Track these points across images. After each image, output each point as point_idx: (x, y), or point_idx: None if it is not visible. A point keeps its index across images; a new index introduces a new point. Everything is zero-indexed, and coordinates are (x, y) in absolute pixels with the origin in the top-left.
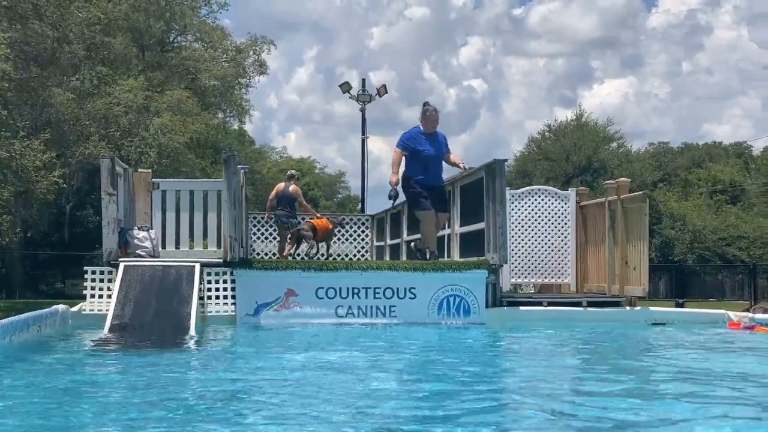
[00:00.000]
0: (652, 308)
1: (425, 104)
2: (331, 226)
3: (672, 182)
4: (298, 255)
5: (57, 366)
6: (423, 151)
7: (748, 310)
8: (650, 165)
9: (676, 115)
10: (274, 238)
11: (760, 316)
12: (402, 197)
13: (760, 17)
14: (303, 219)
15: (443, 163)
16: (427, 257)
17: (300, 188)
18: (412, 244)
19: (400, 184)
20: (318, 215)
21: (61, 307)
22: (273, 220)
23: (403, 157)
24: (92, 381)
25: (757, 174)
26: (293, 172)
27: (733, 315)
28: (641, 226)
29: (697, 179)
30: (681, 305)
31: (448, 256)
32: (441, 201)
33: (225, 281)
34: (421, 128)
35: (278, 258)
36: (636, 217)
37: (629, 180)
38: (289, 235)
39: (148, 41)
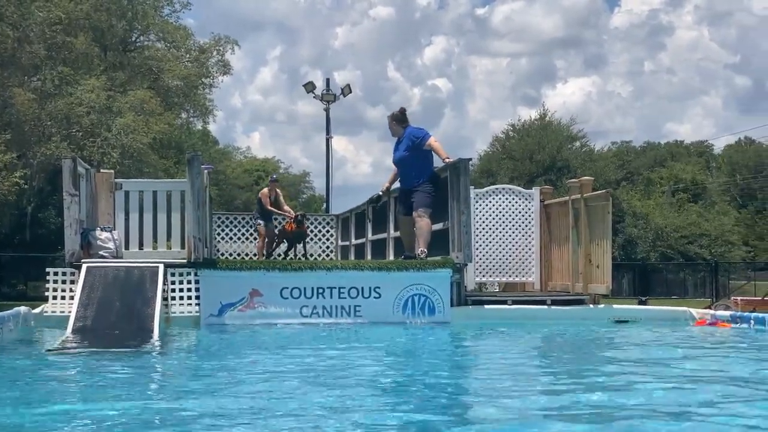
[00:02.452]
0: (615, 306)
1: None
2: (293, 226)
3: (634, 181)
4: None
5: (18, 368)
6: (393, 158)
7: (710, 308)
8: (613, 164)
9: (639, 114)
10: (239, 239)
11: (721, 313)
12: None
13: (721, 17)
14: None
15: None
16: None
17: (270, 190)
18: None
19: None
20: (289, 214)
21: (22, 308)
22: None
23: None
24: (54, 383)
25: (718, 172)
26: (273, 176)
27: (696, 312)
28: (604, 225)
29: (659, 178)
30: (644, 303)
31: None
32: (409, 202)
33: (189, 282)
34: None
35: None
36: (599, 215)
37: (592, 179)
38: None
39: (110, 41)
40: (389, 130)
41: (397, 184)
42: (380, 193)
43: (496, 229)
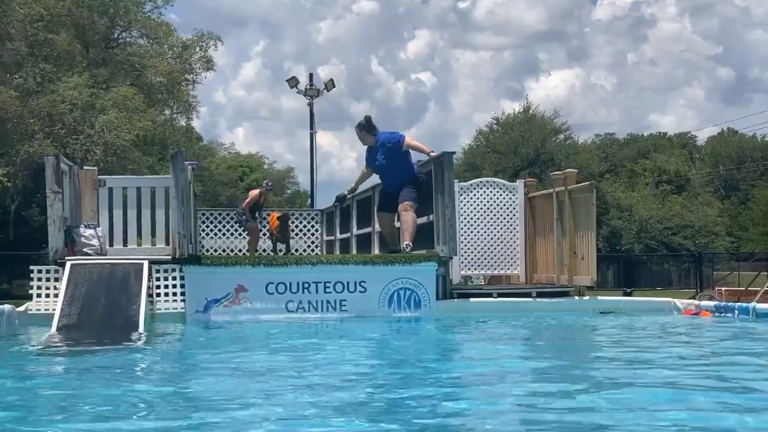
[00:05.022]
0: (600, 297)
1: None
2: (276, 222)
3: (618, 173)
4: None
5: (2, 366)
6: (370, 166)
7: (694, 298)
8: (597, 156)
9: (622, 106)
10: (224, 234)
11: (705, 303)
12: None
13: (702, 8)
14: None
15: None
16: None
17: (261, 194)
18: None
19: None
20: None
21: (6, 307)
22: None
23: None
24: (38, 381)
25: (702, 164)
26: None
27: (680, 303)
28: (589, 217)
29: (642, 170)
30: (629, 294)
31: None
32: (391, 200)
33: (174, 278)
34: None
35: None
36: (583, 207)
37: (576, 171)
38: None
39: (92, 37)
40: (360, 141)
41: (367, 184)
42: (346, 192)
43: (481, 222)
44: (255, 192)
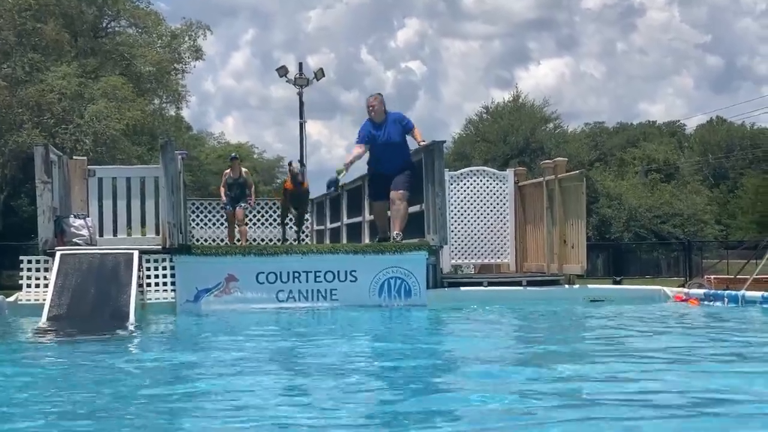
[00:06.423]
0: (590, 286)
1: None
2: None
3: (608, 162)
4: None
5: None
6: (370, 141)
7: (683, 286)
8: (586, 145)
9: (612, 95)
10: (213, 224)
11: (694, 291)
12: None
13: None
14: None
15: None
16: (379, 241)
17: (233, 169)
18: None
19: (343, 174)
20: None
21: None
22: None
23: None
24: (29, 371)
25: (691, 152)
26: (233, 154)
27: (669, 291)
28: (578, 205)
29: (632, 158)
30: (618, 282)
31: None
32: (387, 187)
33: (164, 268)
34: (370, 119)
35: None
36: (573, 196)
37: (566, 160)
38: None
39: (81, 27)
40: (372, 112)
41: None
42: (336, 176)
43: (471, 211)
44: (225, 171)
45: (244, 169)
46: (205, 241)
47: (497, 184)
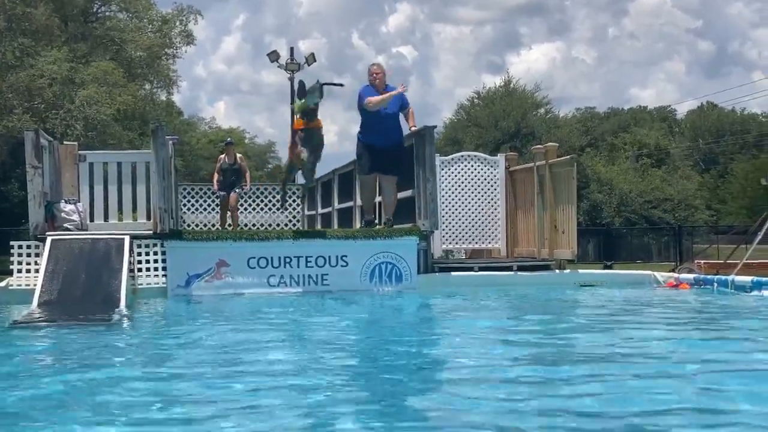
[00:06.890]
0: (581, 271)
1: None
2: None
3: (599, 147)
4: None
5: None
6: (369, 110)
7: (674, 271)
8: (577, 130)
9: (603, 80)
10: (205, 209)
11: (685, 276)
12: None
13: None
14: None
15: (401, 120)
16: (366, 224)
17: (227, 154)
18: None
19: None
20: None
21: None
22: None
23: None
24: (20, 356)
25: (681, 137)
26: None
27: (660, 276)
28: (569, 191)
29: (623, 143)
30: (609, 267)
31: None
32: (390, 162)
33: (155, 253)
34: (371, 85)
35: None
36: (564, 181)
37: (557, 145)
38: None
39: (71, 12)
40: (377, 79)
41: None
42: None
43: (462, 196)
44: (220, 156)
45: (239, 155)
46: (197, 226)
47: (488, 169)
